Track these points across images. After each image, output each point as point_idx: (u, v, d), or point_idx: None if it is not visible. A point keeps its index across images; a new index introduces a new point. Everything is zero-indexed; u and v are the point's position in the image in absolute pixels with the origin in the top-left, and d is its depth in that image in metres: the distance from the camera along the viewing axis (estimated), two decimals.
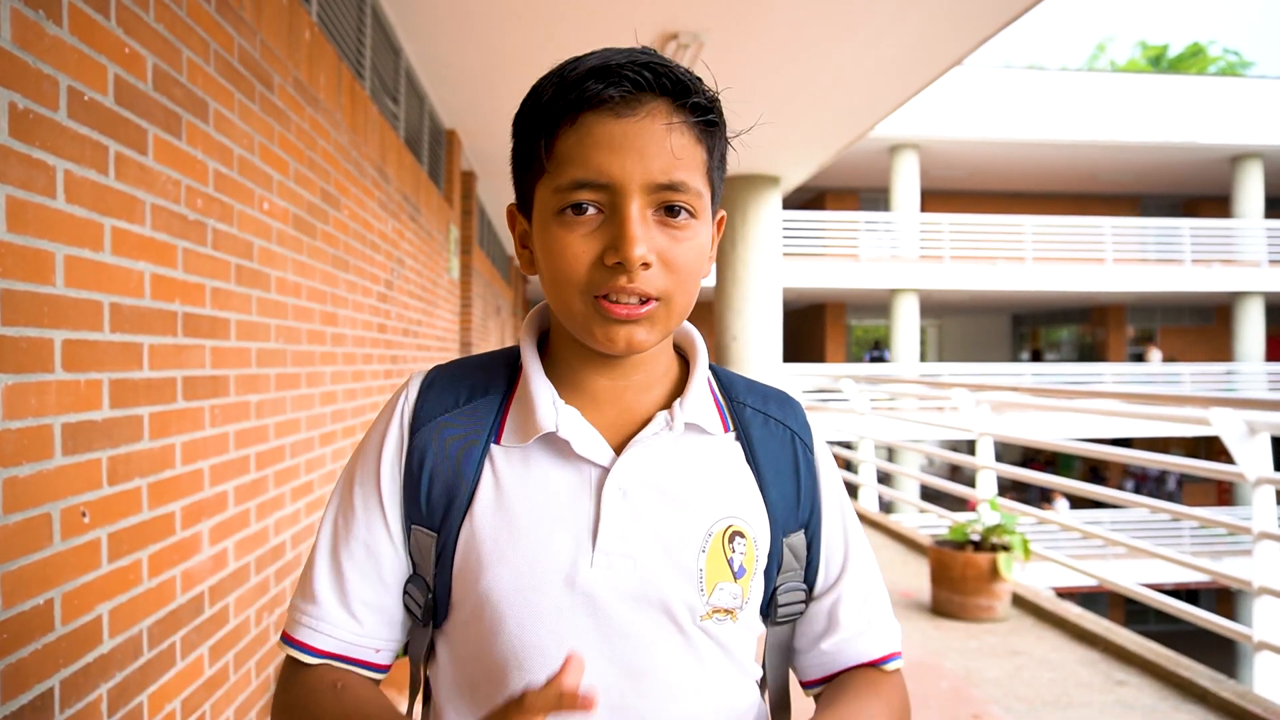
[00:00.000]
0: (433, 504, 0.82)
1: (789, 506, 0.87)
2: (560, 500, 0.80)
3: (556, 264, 0.76)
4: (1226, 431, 3.49)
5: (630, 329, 0.76)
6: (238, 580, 2.23)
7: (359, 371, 3.52)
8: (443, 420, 0.84)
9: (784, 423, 0.90)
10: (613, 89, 0.73)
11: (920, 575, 5.17)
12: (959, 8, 4.18)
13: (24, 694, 1.31)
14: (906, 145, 16.83)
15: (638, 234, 0.73)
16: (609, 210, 0.74)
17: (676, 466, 0.83)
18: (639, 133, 0.73)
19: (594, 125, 0.74)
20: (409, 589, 0.86)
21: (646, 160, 0.73)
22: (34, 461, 1.34)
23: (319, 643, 0.84)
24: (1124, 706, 3.28)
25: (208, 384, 2.03)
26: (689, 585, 0.80)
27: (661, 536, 0.80)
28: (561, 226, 0.75)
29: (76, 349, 1.46)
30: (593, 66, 0.74)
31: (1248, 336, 17.28)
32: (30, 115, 1.32)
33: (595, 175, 0.73)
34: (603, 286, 0.74)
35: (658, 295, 0.75)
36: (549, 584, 0.78)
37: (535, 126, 0.77)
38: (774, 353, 8.01)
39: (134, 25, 1.65)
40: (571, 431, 0.80)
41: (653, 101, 0.74)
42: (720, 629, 0.82)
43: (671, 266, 0.75)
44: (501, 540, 0.79)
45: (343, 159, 3.22)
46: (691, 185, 0.75)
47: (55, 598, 1.40)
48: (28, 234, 1.32)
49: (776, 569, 0.86)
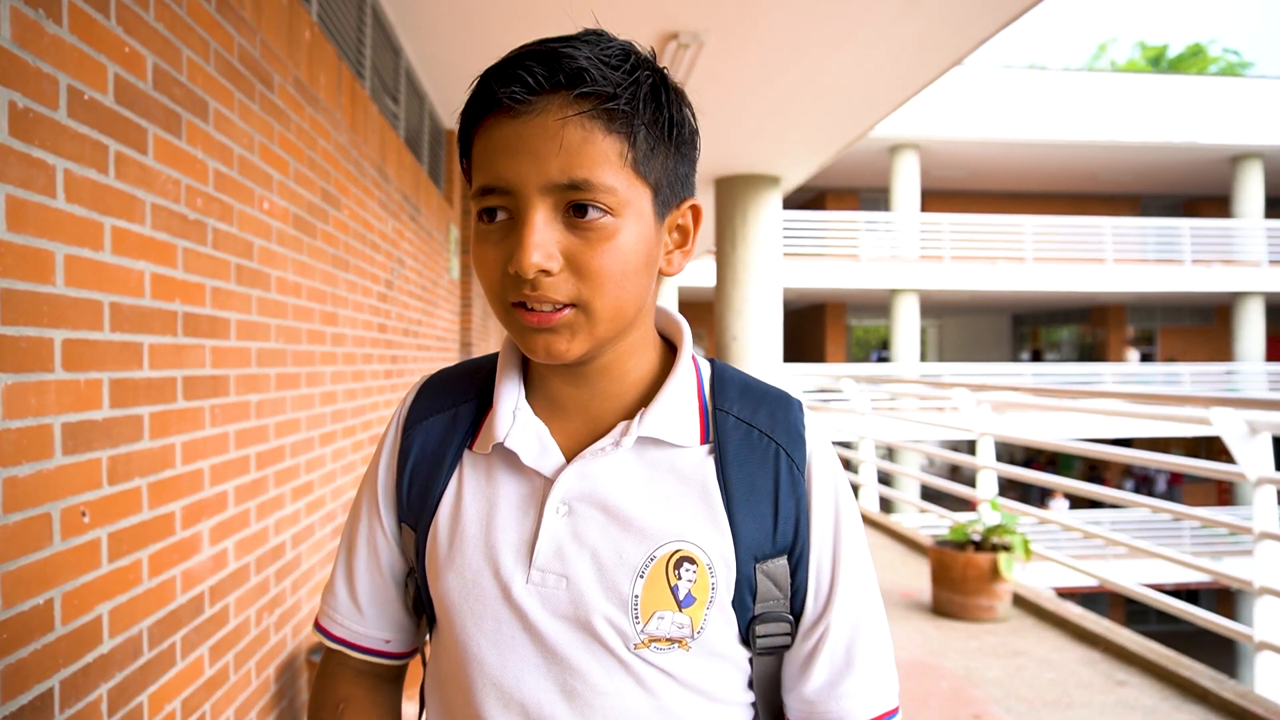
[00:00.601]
0: (413, 503, 0.85)
1: (763, 530, 0.78)
2: (509, 511, 0.79)
3: (478, 273, 0.75)
4: (1227, 431, 3.48)
5: (547, 337, 0.72)
6: (238, 580, 2.23)
7: (359, 371, 3.51)
8: (428, 423, 0.86)
9: (770, 436, 0.80)
10: (505, 88, 0.69)
11: (921, 575, 5.17)
12: (959, 8, 4.18)
13: (24, 694, 1.31)
14: (907, 145, 16.83)
15: (534, 240, 0.69)
16: (516, 215, 0.71)
17: (629, 484, 0.77)
18: (532, 133, 0.69)
19: (493, 129, 0.71)
20: (408, 583, 0.90)
21: (541, 161, 0.69)
22: (34, 461, 1.34)
23: (335, 630, 0.91)
24: (1125, 707, 3.28)
25: (208, 384, 2.03)
26: (620, 612, 0.75)
27: (598, 558, 0.76)
28: (478, 235, 0.74)
29: (76, 348, 1.46)
30: (495, 69, 0.71)
31: (1248, 337, 17.28)
32: (30, 114, 1.32)
33: (496, 180, 0.71)
34: (513, 294, 0.72)
35: (570, 301, 0.71)
36: (490, 595, 0.78)
37: (461, 132, 0.76)
38: (774, 353, 8.00)
39: (134, 24, 1.64)
40: (520, 443, 0.79)
41: (547, 98, 0.69)
42: (665, 658, 0.76)
43: (583, 271, 0.70)
44: (455, 545, 0.80)
45: (343, 159, 3.22)
46: (599, 182, 0.69)
47: (55, 597, 1.40)
48: (27, 233, 1.32)
49: (751, 597, 0.78)
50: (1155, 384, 17.63)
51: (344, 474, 3.30)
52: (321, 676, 0.93)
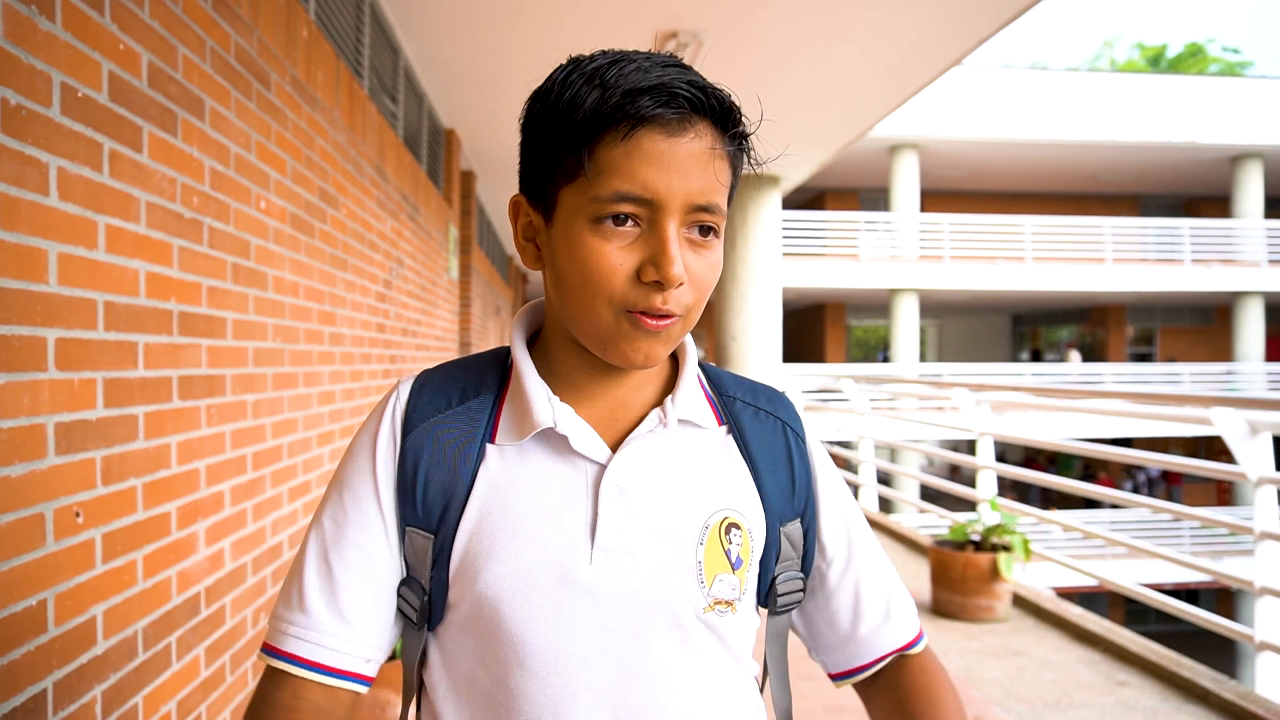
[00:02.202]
0: (429, 505, 0.81)
1: (784, 496, 0.88)
2: (557, 497, 0.80)
3: (590, 273, 0.75)
4: (1228, 431, 3.47)
5: (651, 343, 0.77)
6: (234, 581, 2.22)
7: (357, 371, 3.50)
8: (436, 421, 0.84)
9: (774, 414, 0.91)
10: (668, 109, 0.73)
11: (920, 575, 5.16)
12: (958, 8, 4.17)
13: (17, 696, 1.30)
14: (906, 145, 16.83)
15: (676, 254, 0.73)
16: (647, 225, 0.75)
17: (671, 461, 0.84)
18: (687, 154, 0.74)
19: (644, 141, 0.73)
20: (403, 592, 0.84)
21: (690, 181, 0.74)
22: (27, 461, 1.33)
23: (307, 653, 0.80)
24: (1125, 707, 3.27)
25: (204, 383, 2.02)
26: (689, 579, 0.80)
27: (660, 531, 0.80)
28: (598, 235, 0.74)
29: (70, 348, 1.45)
30: (650, 85, 0.73)
31: (1248, 336, 17.28)
32: (23, 112, 1.31)
33: (641, 190, 0.73)
34: (638, 303, 0.75)
35: (682, 312, 0.77)
36: (547, 581, 0.78)
37: (573, 132, 0.74)
38: (773, 353, 8.00)
39: (129, 21, 1.63)
40: (569, 428, 0.81)
41: (700, 124, 0.75)
42: (721, 621, 0.82)
43: (696, 284, 0.77)
44: (499, 538, 0.79)
45: (341, 158, 3.21)
46: (721, 207, 0.77)
47: (49, 598, 1.39)
48: (20, 231, 1.31)
49: (775, 559, 0.87)
50: (1155, 384, 17.62)
51: None
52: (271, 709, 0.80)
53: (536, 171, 0.80)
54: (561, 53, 0.81)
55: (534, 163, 0.80)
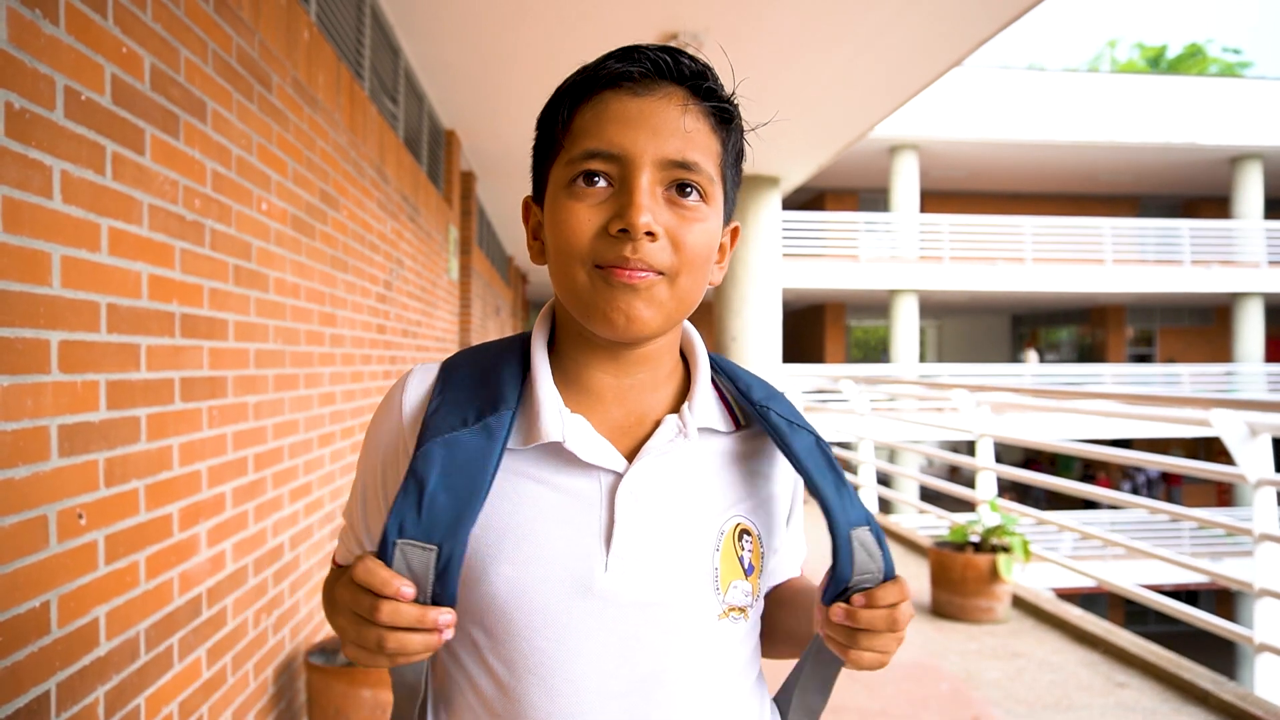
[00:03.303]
0: (435, 516, 0.74)
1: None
2: (569, 503, 0.79)
3: (562, 233, 0.76)
4: (1227, 433, 3.48)
5: (630, 300, 0.74)
6: (236, 582, 2.22)
7: (358, 372, 3.51)
8: (453, 438, 0.78)
9: (788, 418, 0.89)
10: (632, 66, 0.76)
11: (920, 577, 5.16)
12: (958, 9, 4.18)
13: (20, 697, 1.30)
14: (906, 146, 16.83)
15: (644, 203, 0.73)
16: (618, 183, 0.75)
17: (686, 469, 0.83)
18: (654, 110, 0.75)
19: (610, 101, 0.76)
20: None
21: (660, 137, 0.75)
22: (30, 463, 1.34)
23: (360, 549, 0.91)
24: (1124, 709, 3.27)
25: (206, 385, 2.02)
26: (706, 586, 0.80)
27: (676, 539, 0.80)
28: (570, 196, 0.76)
29: (73, 350, 1.46)
30: (615, 50, 0.77)
31: (1247, 337, 17.28)
32: (27, 115, 1.32)
33: (607, 146, 0.75)
34: (606, 255, 0.74)
35: (661, 270, 0.75)
36: (559, 587, 0.77)
37: (555, 108, 0.79)
38: (773, 353, 8.00)
39: (131, 25, 1.64)
40: (578, 444, 0.78)
41: (670, 86, 0.77)
42: (734, 628, 0.82)
43: (678, 245, 0.75)
44: (506, 539, 0.77)
45: (341, 159, 3.21)
46: (703, 167, 0.77)
47: (52, 600, 1.39)
48: (24, 234, 1.32)
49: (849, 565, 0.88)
50: (1155, 385, 17.62)
51: (342, 475, 3.30)
52: None
53: (536, 161, 0.83)
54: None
55: (535, 153, 0.83)
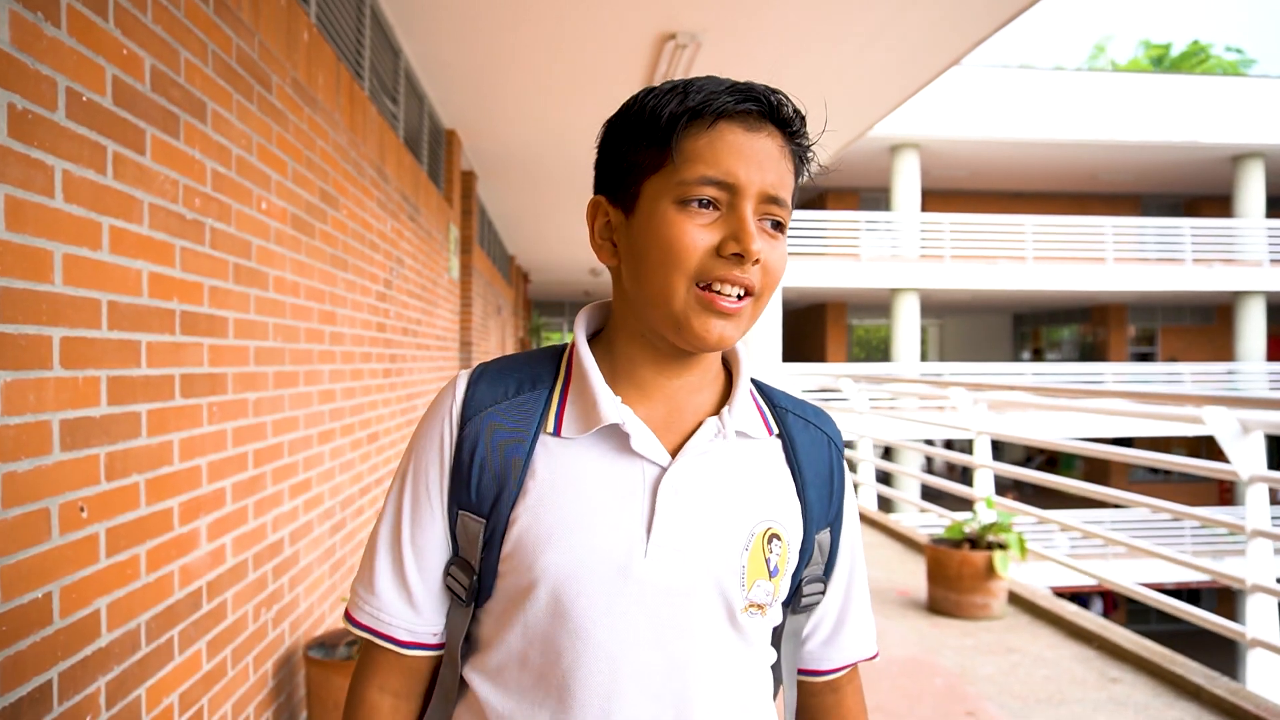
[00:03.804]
0: (482, 491, 0.86)
1: (823, 505, 0.94)
2: (615, 493, 0.85)
3: (672, 247, 0.81)
4: (1220, 430, 3.50)
5: (724, 323, 0.82)
6: (236, 576, 2.25)
7: (357, 370, 3.54)
8: (492, 412, 0.88)
9: (821, 429, 0.98)
10: (748, 104, 0.83)
11: (917, 573, 5.19)
12: (957, 6, 4.19)
13: (23, 685, 1.33)
14: (907, 145, 16.84)
15: (754, 229, 0.81)
16: (726, 209, 0.82)
17: (724, 469, 0.89)
18: (763, 148, 0.83)
19: (726, 132, 0.82)
20: (452, 570, 0.90)
21: (765, 172, 0.82)
22: (32, 457, 1.37)
23: (383, 629, 0.91)
24: (1117, 704, 3.30)
25: (206, 382, 2.05)
26: (733, 580, 0.86)
27: (710, 534, 0.86)
28: (683, 214, 0.81)
29: (75, 346, 1.48)
30: (729, 86, 0.83)
31: (1249, 336, 17.28)
32: (29, 116, 1.34)
33: (723, 175, 0.81)
34: (712, 274, 0.81)
35: (755, 291, 0.83)
36: (603, 572, 0.83)
37: (660, 127, 0.83)
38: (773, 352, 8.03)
39: (132, 26, 1.67)
40: (634, 428, 0.86)
41: (771, 125, 0.84)
42: (752, 622, 0.88)
43: (767, 271, 0.83)
44: (558, 527, 0.83)
45: (341, 159, 3.24)
46: (789, 204, 0.85)
47: (54, 591, 1.42)
48: (26, 233, 1.35)
49: (805, 563, 0.93)
50: (1156, 384, 17.62)
51: (342, 471, 3.33)
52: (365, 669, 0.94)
53: (618, 172, 0.88)
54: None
55: (615, 164, 0.88)
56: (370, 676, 0.93)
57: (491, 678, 0.88)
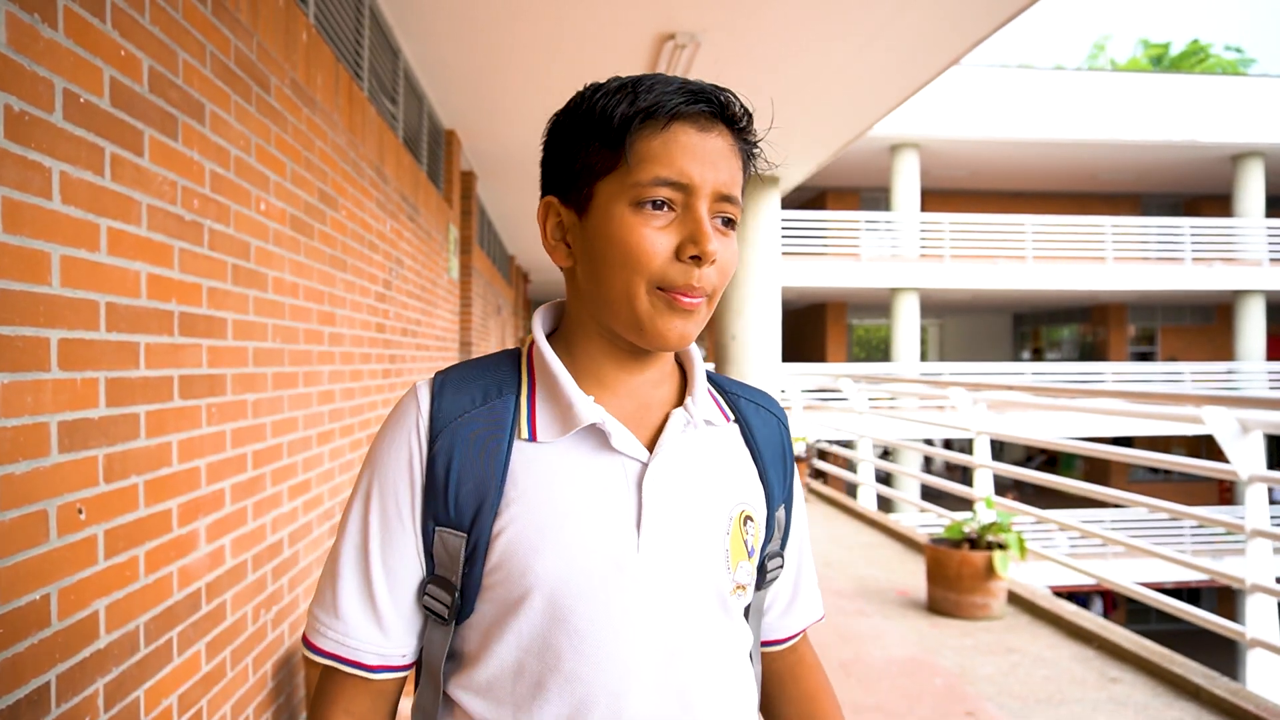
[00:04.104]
0: (461, 505, 0.83)
1: (780, 483, 0.98)
2: (600, 492, 0.85)
3: (631, 251, 0.81)
4: (1219, 430, 3.50)
5: (685, 322, 0.84)
6: (235, 577, 2.25)
7: (357, 371, 3.54)
8: (463, 420, 0.86)
9: (770, 410, 1.01)
10: (700, 105, 0.83)
11: (917, 573, 5.19)
12: (957, 6, 4.19)
13: (21, 688, 1.33)
14: (907, 144, 16.83)
15: (711, 231, 0.82)
16: (681, 209, 0.83)
17: (698, 457, 0.91)
18: (714, 147, 0.83)
19: (679, 133, 0.82)
20: (431, 590, 0.86)
21: (718, 171, 0.83)
22: (30, 459, 1.36)
23: (346, 654, 0.87)
24: (1117, 703, 3.30)
25: (204, 383, 2.05)
26: (719, 565, 0.88)
27: (694, 522, 0.87)
28: (638, 216, 0.82)
29: (73, 348, 1.48)
30: (679, 86, 0.83)
31: (1249, 335, 17.27)
32: (26, 117, 1.34)
33: (678, 175, 0.81)
34: (675, 281, 0.82)
35: (709, 292, 0.84)
36: (599, 571, 0.83)
37: (612, 127, 0.83)
38: (773, 352, 8.02)
39: (129, 28, 1.67)
40: (612, 426, 0.86)
41: (722, 125, 0.85)
42: (738, 603, 0.91)
43: (721, 269, 0.85)
44: (548, 532, 0.82)
45: (340, 160, 3.24)
46: (739, 201, 0.86)
47: (52, 593, 1.42)
48: (24, 234, 1.34)
49: (768, 540, 0.96)
50: (1157, 383, 17.62)
51: (341, 473, 3.33)
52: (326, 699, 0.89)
53: (569, 172, 0.87)
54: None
55: (565, 165, 0.87)
56: (334, 702, 0.88)
57: (483, 693, 0.86)
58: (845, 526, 6.88)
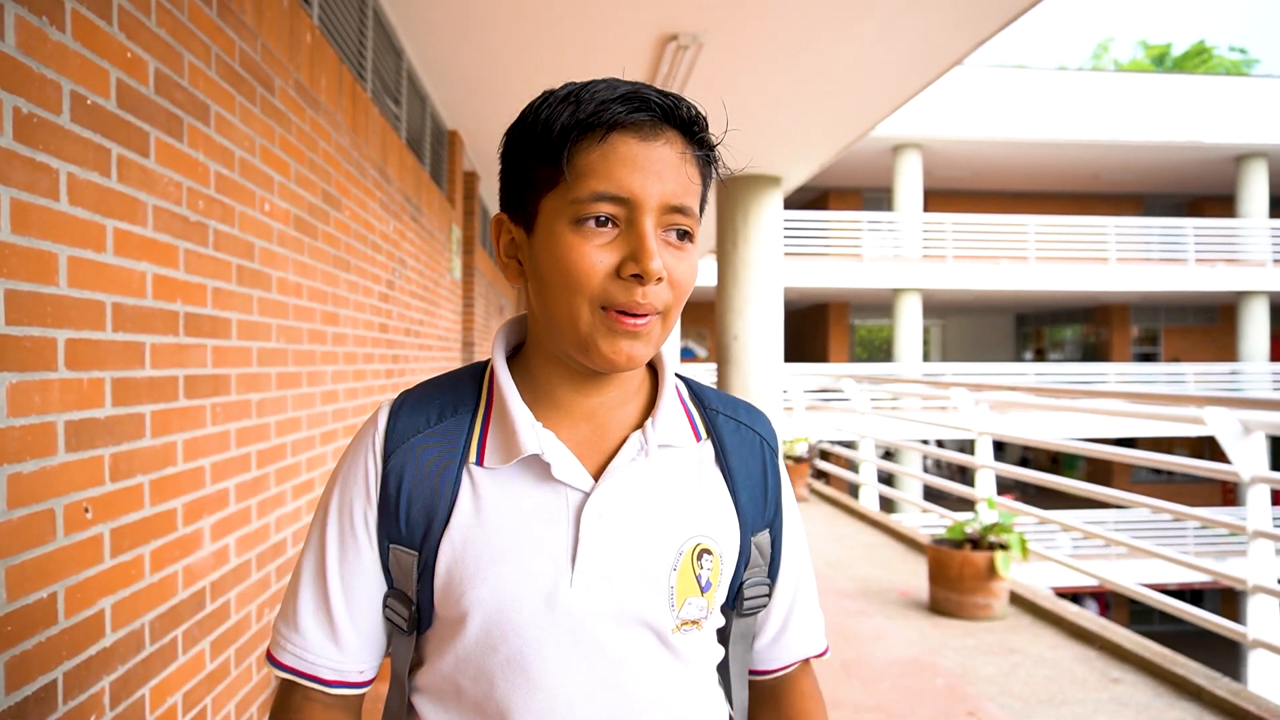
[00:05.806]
0: (412, 524, 0.84)
1: (757, 508, 0.92)
2: (538, 522, 0.83)
3: (570, 271, 0.77)
4: (1221, 431, 3.50)
5: (632, 343, 0.79)
6: (239, 576, 2.26)
7: (360, 371, 3.55)
8: (416, 441, 0.86)
9: (753, 428, 0.95)
10: (641, 113, 0.78)
11: (919, 574, 5.19)
12: (960, 7, 4.20)
13: (28, 685, 1.34)
14: (909, 145, 16.82)
15: (654, 248, 0.77)
16: (625, 225, 0.78)
17: (649, 488, 0.86)
18: (660, 157, 0.78)
19: (618, 144, 0.77)
20: (390, 603, 0.88)
21: (664, 182, 0.78)
22: (37, 458, 1.38)
23: (305, 669, 0.87)
24: (1118, 704, 3.30)
25: (209, 383, 2.06)
26: (660, 602, 0.84)
27: (636, 557, 0.84)
28: (578, 235, 0.77)
29: (79, 348, 1.49)
30: (621, 94, 0.78)
31: (1252, 336, 17.24)
32: (34, 119, 1.35)
33: (617, 189, 0.77)
34: (617, 299, 0.77)
35: (660, 310, 0.80)
36: (530, 603, 0.81)
37: (551, 143, 0.78)
38: (775, 352, 8.02)
39: (135, 30, 1.68)
40: (553, 455, 0.83)
41: (670, 131, 0.80)
42: (686, 639, 0.86)
43: (674, 284, 0.80)
44: (484, 560, 0.82)
45: (344, 160, 3.25)
46: (694, 210, 0.81)
47: (59, 591, 1.43)
48: (31, 235, 1.36)
49: (744, 566, 0.91)
50: (1159, 384, 17.60)
51: None
52: (284, 710, 0.89)
53: (516, 188, 0.84)
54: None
55: (514, 181, 0.84)
56: (291, 715, 0.88)
57: (435, 700, 0.87)
58: (847, 527, 6.88)
